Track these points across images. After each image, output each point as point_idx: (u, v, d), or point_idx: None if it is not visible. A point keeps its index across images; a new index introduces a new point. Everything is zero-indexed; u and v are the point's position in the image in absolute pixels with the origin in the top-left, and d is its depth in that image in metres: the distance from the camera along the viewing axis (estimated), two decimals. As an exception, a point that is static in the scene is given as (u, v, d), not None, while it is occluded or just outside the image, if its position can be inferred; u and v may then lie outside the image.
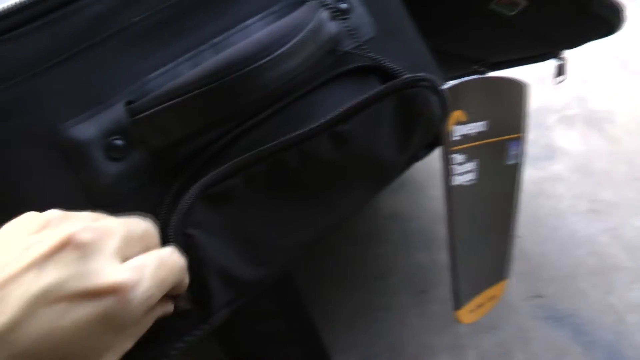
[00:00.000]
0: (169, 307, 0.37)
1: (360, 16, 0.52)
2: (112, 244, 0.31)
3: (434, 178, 1.03)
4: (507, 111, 0.65)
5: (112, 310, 0.29)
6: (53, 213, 0.32)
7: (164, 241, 0.40)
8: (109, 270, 0.30)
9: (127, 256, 0.32)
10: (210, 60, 0.44)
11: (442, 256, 0.92)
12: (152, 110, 0.42)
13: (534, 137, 1.09)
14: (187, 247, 0.41)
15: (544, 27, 0.67)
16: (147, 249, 0.34)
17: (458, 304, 0.62)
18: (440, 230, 0.95)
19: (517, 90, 0.66)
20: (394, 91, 0.49)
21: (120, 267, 0.31)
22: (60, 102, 0.42)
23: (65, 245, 0.29)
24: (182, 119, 0.43)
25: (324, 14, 0.49)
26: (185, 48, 0.46)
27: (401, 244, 0.96)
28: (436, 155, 0.59)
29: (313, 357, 0.68)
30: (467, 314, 0.64)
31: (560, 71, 0.74)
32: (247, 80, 0.43)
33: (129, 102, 0.43)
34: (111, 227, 0.32)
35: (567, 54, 0.75)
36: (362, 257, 0.94)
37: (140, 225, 0.35)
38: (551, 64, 0.75)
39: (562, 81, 0.74)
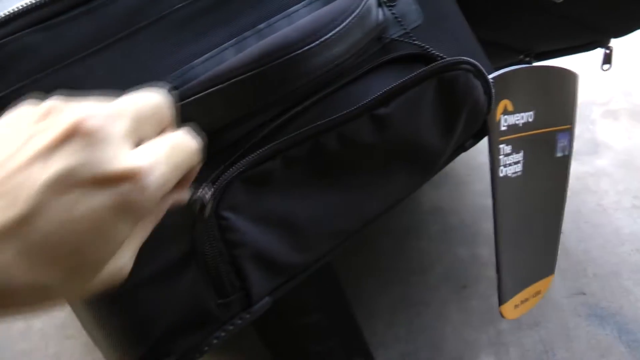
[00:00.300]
0: (184, 195, 0.34)
1: (408, 3, 0.51)
2: (123, 127, 0.29)
3: (475, 173, 1.02)
4: (556, 101, 0.63)
5: (127, 196, 0.27)
6: (54, 100, 0.29)
7: (202, 224, 0.41)
8: (122, 155, 0.27)
9: (140, 137, 0.30)
10: (254, 46, 0.43)
11: (483, 251, 0.91)
12: (197, 96, 0.42)
13: (578, 131, 1.06)
14: (220, 229, 0.42)
15: (591, 14, 0.65)
16: (160, 125, 0.32)
17: (503, 298, 0.61)
18: (482, 225, 0.94)
19: (566, 79, 0.64)
20: (434, 74, 0.48)
21: (134, 152, 0.28)
22: (103, 89, 0.41)
23: (72, 134, 0.26)
24: (226, 105, 0.43)
25: (371, 1, 0.48)
26: (229, 34, 0.45)
27: (442, 238, 0.95)
28: (477, 149, 0.58)
29: (354, 351, 0.68)
30: (512, 309, 0.62)
31: (607, 60, 0.73)
32: (291, 67, 0.43)
33: (173, 88, 0.43)
34: (119, 109, 0.29)
35: (614, 45, 0.73)
36: (402, 252, 0.93)
37: (150, 101, 0.32)
38: (596, 56, 0.74)
39: (607, 69, 0.73)
